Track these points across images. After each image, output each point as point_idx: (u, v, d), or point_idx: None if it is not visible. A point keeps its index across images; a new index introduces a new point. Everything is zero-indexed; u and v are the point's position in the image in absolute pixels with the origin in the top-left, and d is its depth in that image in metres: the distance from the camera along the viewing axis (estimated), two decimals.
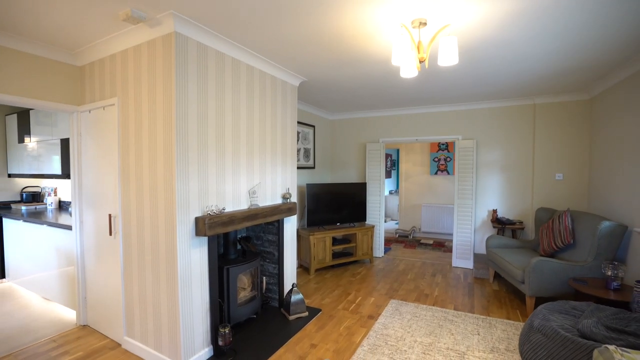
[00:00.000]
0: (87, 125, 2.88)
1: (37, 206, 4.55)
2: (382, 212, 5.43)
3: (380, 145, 5.38)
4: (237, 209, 2.75)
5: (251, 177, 2.94)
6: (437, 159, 7.08)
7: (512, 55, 2.82)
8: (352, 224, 5.09)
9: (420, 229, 7.23)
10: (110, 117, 2.66)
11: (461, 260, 4.83)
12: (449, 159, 6.98)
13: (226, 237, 2.92)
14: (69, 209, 4.42)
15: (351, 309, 3.41)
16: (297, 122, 4.64)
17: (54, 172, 4.12)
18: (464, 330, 2.94)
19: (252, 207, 2.87)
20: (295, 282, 3.46)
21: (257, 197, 3.01)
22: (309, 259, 4.46)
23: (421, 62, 2.10)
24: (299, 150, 4.92)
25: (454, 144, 4.82)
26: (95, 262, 2.89)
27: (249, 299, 3.01)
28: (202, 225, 2.30)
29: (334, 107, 5.17)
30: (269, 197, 3.20)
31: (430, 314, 3.25)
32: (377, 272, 4.65)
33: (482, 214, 4.80)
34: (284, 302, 3.23)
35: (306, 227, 4.76)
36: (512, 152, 4.61)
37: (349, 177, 5.82)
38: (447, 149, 7.00)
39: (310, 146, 5.23)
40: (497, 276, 4.41)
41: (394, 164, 9.10)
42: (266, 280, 3.43)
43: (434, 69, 3.24)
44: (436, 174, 7.09)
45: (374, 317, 3.20)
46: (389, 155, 8.84)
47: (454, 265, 4.90)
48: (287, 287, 3.46)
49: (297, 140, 4.73)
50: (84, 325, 3.01)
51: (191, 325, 2.36)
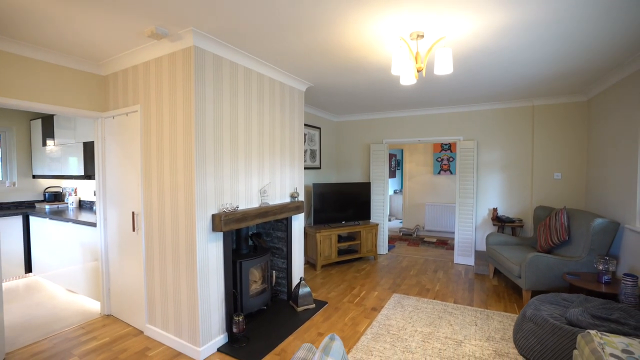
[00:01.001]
0: (111, 130, 3.12)
1: (59, 205, 4.83)
2: (386, 211, 5.61)
3: (383, 146, 5.56)
4: (249, 207, 2.96)
5: (262, 177, 3.15)
6: (440, 159, 7.23)
7: (506, 61, 2.99)
8: (356, 222, 5.28)
9: (424, 228, 7.39)
10: (133, 123, 2.89)
11: (463, 257, 4.99)
12: (451, 159, 7.12)
13: (239, 233, 3.14)
14: (93, 207, 4.68)
15: (356, 301, 3.60)
16: (304, 124, 4.85)
17: (76, 173, 4.38)
18: (462, 321, 3.11)
19: (263, 205, 3.08)
20: (302, 276, 3.66)
21: (268, 196, 3.23)
22: (316, 255, 4.67)
23: (419, 71, 2.29)
24: (305, 151, 5.13)
25: (456, 144, 4.98)
26: (118, 256, 3.13)
27: (260, 291, 3.23)
28: (219, 221, 2.52)
29: (339, 109, 5.37)
30: (278, 196, 3.41)
31: (430, 307, 3.43)
32: (381, 268, 4.83)
33: (483, 213, 4.95)
34: (293, 295, 3.43)
35: (313, 225, 4.96)
36: (512, 152, 4.75)
37: (354, 177, 6.02)
38: (449, 149, 7.14)
39: (316, 147, 5.43)
40: (497, 272, 4.57)
41: (399, 164, 9.25)
42: (276, 274, 3.64)
43: (433, 76, 3.42)
44: (439, 173, 7.24)
45: (377, 309, 3.39)
46: (394, 155, 9.00)
47: (455, 262, 5.06)
48: (295, 281, 3.67)
49: (304, 141, 4.94)
50: (108, 314, 3.25)
51: (208, 313, 2.58)
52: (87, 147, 4.19)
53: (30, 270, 4.42)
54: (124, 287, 3.09)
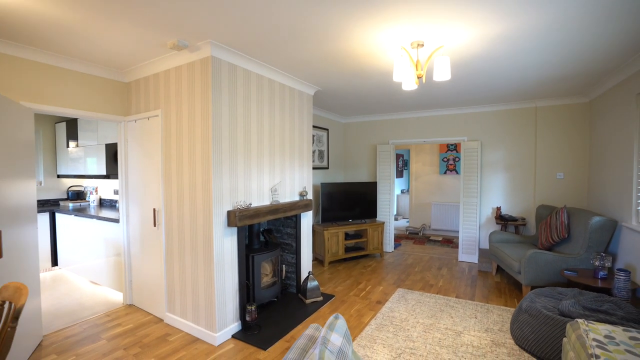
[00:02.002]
0: (133, 132, 3.36)
1: (81, 203, 5.12)
2: (392, 210, 5.77)
3: (390, 146, 5.72)
4: (261, 204, 3.17)
5: (273, 176, 3.36)
6: (446, 159, 7.34)
7: (505, 67, 3.13)
8: (363, 221, 5.46)
9: (430, 227, 7.51)
10: (154, 126, 3.12)
11: (467, 255, 5.12)
12: (457, 159, 7.23)
13: (251, 229, 3.35)
14: (116, 205, 4.96)
15: (361, 295, 3.78)
16: (312, 126, 5.05)
17: (97, 173, 4.66)
18: (462, 314, 3.26)
19: (274, 203, 3.28)
20: (311, 270, 3.86)
21: (278, 194, 3.43)
22: (324, 252, 4.86)
23: (419, 77, 2.46)
24: (314, 152, 5.33)
25: (461, 144, 5.11)
26: (140, 250, 3.37)
27: (271, 284, 3.43)
28: (234, 217, 2.73)
29: (346, 111, 5.55)
30: (288, 195, 3.61)
31: (433, 301, 3.59)
32: (387, 265, 4.99)
33: (487, 211, 5.07)
34: (301, 288, 3.63)
35: (321, 223, 5.15)
36: (515, 152, 4.87)
37: (361, 176, 6.19)
38: (455, 150, 7.25)
39: (324, 148, 5.62)
40: (500, 269, 4.69)
41: (406, 164, 9.38)
42: (285, 268, 3.85)
43: (434, 81, 3.56)
44: (445, 173, 7.35)
45: (381, 303, 3.56)
46: (401, 155, 9.13)
47: (460, 259, 5.19)
48: (303, 275, 3.86)
49: (312, 142, 5.13)
50: (130, 304, 3.50)
51: (224, 302, 2.79)
52: (108, 148, 4.46)
53: (56, 263, 4.72)
54: (145, 279, 3.33)
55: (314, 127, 5.30)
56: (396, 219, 8.78)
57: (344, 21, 2.19)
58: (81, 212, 4.39)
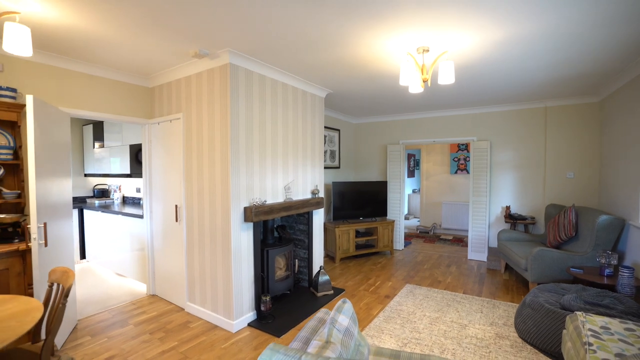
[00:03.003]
0: (156, 134, 3.61)
1: (106, 200, 5.44)
2: (402, 208, 5.88)
3: (400, 146, 5.83)
4: (275, 201, 3.36)
5: (286, 175, 3.54)
6: (457, 159, 7.39)
7: (510, 69, 3.21)
8: (374, 219, 5.59)
9: (440, 226, 7.57)
10: (176, 128, 3.35)
11: (476, 253, 5.19)
12: (468, 159, 7.26)
13: (265, 224, 3.54)
14: (140, 202, 5.26)
15: (371, 290, 3.92)
16: (324, 126, 5.21)
17: (121, 172, 4.95)
18: (469, 309, 3.37)
19: (287, 200, 3.47)
20: (322, 265, 4.02)
21: (291, 192, 3.61)
22: (335, 249, 5.02)
23: (424, 81, 2.59)
24: (325, 151, 5.50)
25: (470, 144, 5.18)
26: (162, 244, 3.61)
27: (284, 278, 3.62)
28: (250, 213, 2.92)
29: (356, 112, 5.70)
30: (301, 192, 3.79)
31: (440, 296, 3.70)
32: (397, 262, 5.12)
33: (496, 210, 5.13)
34: (313, 282, 3.80)
35: (332, 220, 5.31)
36: (525, 152, 4.91)
37: (371, 176, 6.32)
38: (466, 149, 7.29)
39: (335, 148, 5.78)
40: (508, 267, 4.74)
41: (417, 164, 9.43)
42: (298, 263, 4.03)
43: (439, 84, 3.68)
44: (456, 173, 7.40)
45: (390, 297, 3.70)
46: (412, 155, 9.20)
47: (469, 258, 5.26)
48: (315, 270, 4.04)
49: (324, 142, 5.29)
50: (153, 294, 3.75)
51: (241, 292, 2.99)
52: (131, 149, 4.74)
53: (84, 257, 5.04)
54: (167, 271, 3.56)
55: (325, 127, 5.47)
56: (407, 218, 8.86)
57: (354, 30, 2.35)
58: (106, 208, 4.68)
